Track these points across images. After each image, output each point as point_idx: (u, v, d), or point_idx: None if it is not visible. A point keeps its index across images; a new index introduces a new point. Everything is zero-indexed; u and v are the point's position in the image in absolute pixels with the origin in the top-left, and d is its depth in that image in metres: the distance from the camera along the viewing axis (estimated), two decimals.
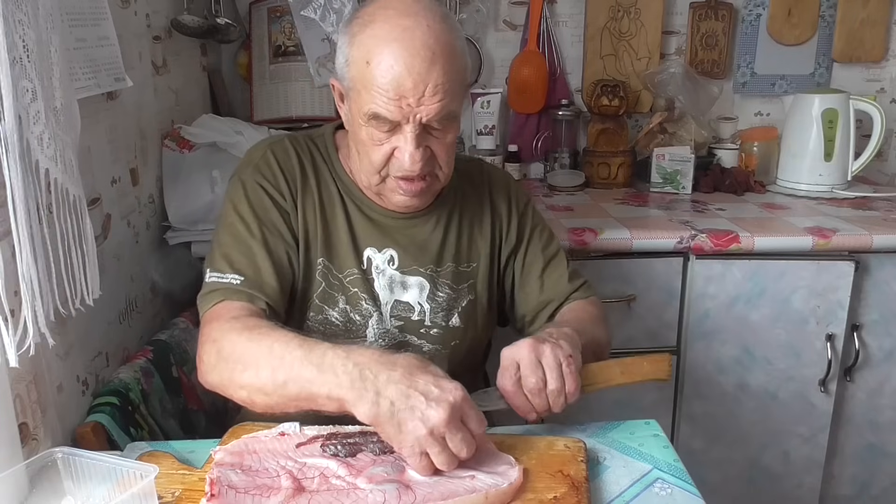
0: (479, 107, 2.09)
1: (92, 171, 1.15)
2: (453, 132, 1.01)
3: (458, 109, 0.99)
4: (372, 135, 0.99)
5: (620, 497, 0.84)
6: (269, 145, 1.12)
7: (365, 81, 0.95)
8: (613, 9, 2.10)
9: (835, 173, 1.92)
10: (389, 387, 0.79)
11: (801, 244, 1.59)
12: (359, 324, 1.09)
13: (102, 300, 0.97)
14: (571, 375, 0.90)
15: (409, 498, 0.78)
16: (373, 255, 1.10)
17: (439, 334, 1.12)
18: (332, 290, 1.08)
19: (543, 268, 1.19)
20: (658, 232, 1.61)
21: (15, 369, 0.81)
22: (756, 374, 1.69)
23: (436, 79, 0.93)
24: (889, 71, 2.19)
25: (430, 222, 1.13)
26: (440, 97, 0.94)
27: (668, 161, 1.96)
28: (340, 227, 1.10)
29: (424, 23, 0.94)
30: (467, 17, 2.08)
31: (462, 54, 0.98)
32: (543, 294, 1.18)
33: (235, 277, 0.99)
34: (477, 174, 1.21)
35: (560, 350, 0.90)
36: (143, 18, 1.43)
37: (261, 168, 1.08)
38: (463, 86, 1.00)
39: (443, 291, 1.13)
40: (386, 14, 0.95)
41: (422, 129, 0.97)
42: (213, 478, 0.80)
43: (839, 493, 1.82)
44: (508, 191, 1.21)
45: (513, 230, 1.19)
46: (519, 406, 0.91)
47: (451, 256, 1.14)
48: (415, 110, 0.94)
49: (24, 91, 0.76)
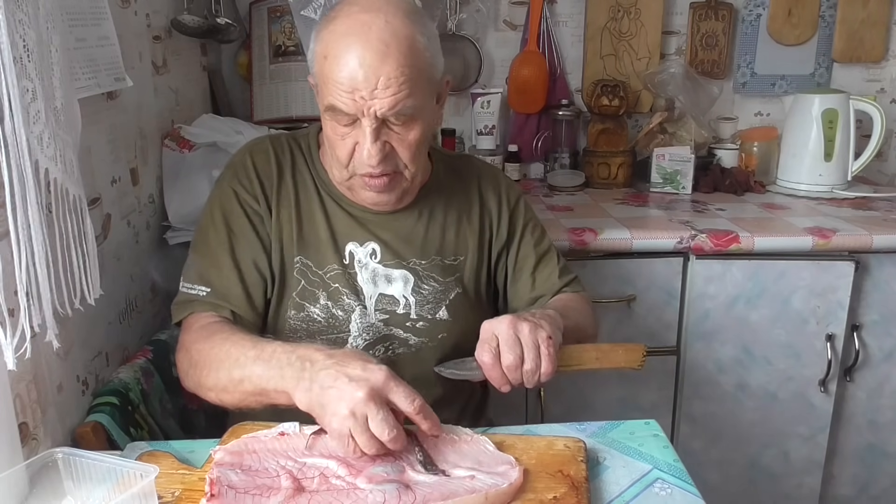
0: (479, 107, 2.09)
1: (92, 171, 1.15)
2: (416, 130, 1.00)
3: (420, 106, 0.98)
4: (334, 128, 1.01)
5: (620, 497, 0.84)
6: (249, 148, 1.15)
7: (324, 75, 0.98)
8: (613, 9, 2.10)
9: (835, 173, 1.92)
10: (321, 373, 0.84)
11: (801, 244, 1.59)
12: (341, 319, 1.10)
13: (102, 300, 0.97)
14: (549, 357, 0.92)
15: (409, 498, 0.78)
16: (354, 249, 1.11)
17: (426, 327, 1.13)
18: (312, 287, 1.09)
19: (535, 264, 1.20)
20: (658, 232, 1.61)
21: (16, 367, 0.81)
22: (756, 374, 1.69)
23: (388, 72, 0.94)
24: (889, 71, 2.19)
25: (412, 216, 1.14)
26: (393, 90, 0.94)
27: (668, 161, 1.96)
28: (319, 224, 1.11)
29: (384, 18, 0.95)
30: (467, 17, 2.09)
31: (424, 50, 0.98)
32: (535, 290, 1.19)
33: (202, 290, 1.06)
34: (466, 169, 1.22)
35: (540, 330, 0.92)
36: (143, 18, 1.43)
37: (237, 173, 1.12)
38: (427, 82, 0.99)
39: (428, 284, 1.13)
40: (349, 10, 0.97)
41: (379, 123, 0.97)
42: (213, 478, 0.80)
43: (839, 493, 1.82)
44: (498, 186, 1.21)
45: (503, 226, 1.20)
46: (494, 378, 0.93)
47: (436, 250, 1.15)
48: (368, 103, 0.95)
49: (25, 91, 0.76)
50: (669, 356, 1.70)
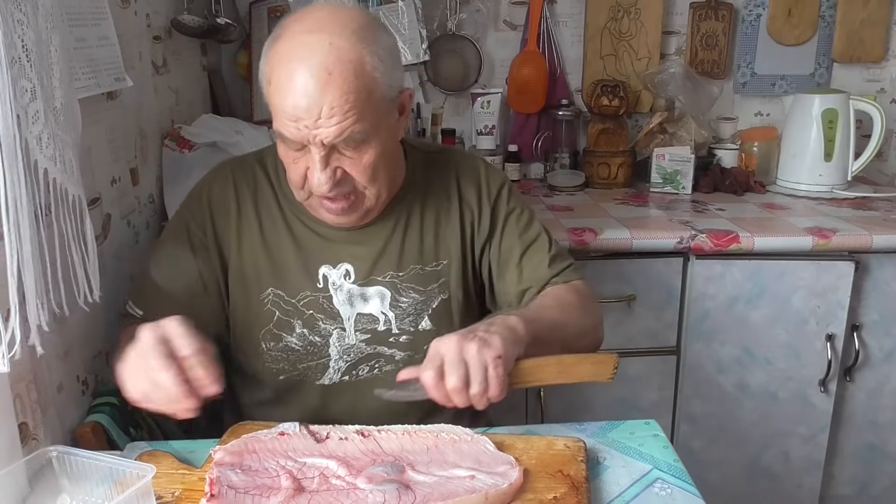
0: (479, 107, 2.09)
1: (92, 171, 1.15)
2: (370, 153, 0.95)
3: (370, 129, 0.93)
4: (286, 152, 0.97)
5: (620, 497, 0.84)
6: (209, 179, 1.13)
7: (269, 100, 0.94)
8: (613, 9, 2.10)
9: (835, 173, 1.92)
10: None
11: (801, 244, 1.59)
12: (319, 345, 1.08)
13: (102, 300, 0.96)
14: (497, 379, 0.85)
15: (409, 498, 0.78)
16: (328, 272, 1.08)
17: (410, 340, 1.10)
18: (286, 317, 1.08)
19: (522, 254, 1.13)
20: (658, 232, 1.61)
21: (16, 367, 0.81)
22: (756, 374, 1.69)
23: (331, 101, 0.89)
24: (889, 71, 2.19)
25: (386, 227, 1.09)
26: (338, 119, 0.90)
27: (668, 161, 1.96)
28: (287, 250, 1.08)
29: (328, 40, 0.89)
30: (467, 17, 2.09)
31: (373, 71, 0.92)
32: (522, 282, 1.12)
33: (138, 312, 1.07)
34: (443, 164, 1.15)
35: (488, 350, 0.85)
36: (143, 18, 1.43)
37: (193, 206, 1.11)
38: (378, 103, 0.94)
39: (406, 297, 1.09)
40: (294, 29, 0.92)
41: (328, 150, 0.93)
42: (213, 477, 0.80)
43: (839, 493, 1.82)
44: (478, 178, 1.15)
45: (485, 219, 1.13)
46: (439, 399, 0.87)
47: (415, 258, 1.10)
48: (312, 132, 0.91)
49: (23, 91, 0.76)
50: (669, 356, 1.69)
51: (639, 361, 1.69)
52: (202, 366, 0.80)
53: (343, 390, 1.10)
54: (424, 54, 2.04)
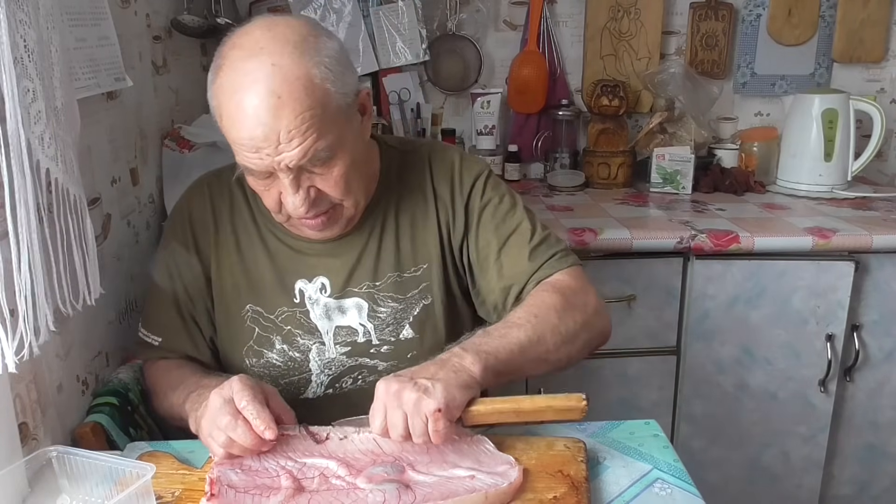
0: (479, 107, 2.09)
1: (92, 171, 1.15)
2: (340, 165, 0.93)
3: (334, 143, 0.91)
4: (255, 182, 0.96)
5: (620, 497, 0.84)
6: (188, 195, 1.14)
7: (226, 134, 0.91)
8: (613, 9, 2.10)
9: (835, 173, 1.92)
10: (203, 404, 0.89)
11: (801, 244, 1.59)
12: (299, 360, 1.08)
13: (102, 300, 0.97)
14: (437, 434, 0.82)
15: (409, 498, 0.78)
16: (304, 286, 1.07)
17: (392, 350, 1.07)
18: (266, 333, 1.08)
19: (500, 248, 1.07)
20: (658, 232, 1.61)
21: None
22: (756, 374, 1.69)
23: (287, 124, 0.86)
24: (889, 71, 2.19)
25: (361, 236, 1.07)
26: (298, 141, 0.87)
27: (668, 161, 1.96)
28: (264, 266, 1.08)
29: (269, 61, 0.86)
30: (467, 17, 2.09)
31: (323, 83, 0.88)
32: (503, 279, 1.06)
33: (155, 339, 1.11)
34: (417, 161, 1.11)
35: (426, 403, 0.81)
36: (143, 18, 1.43)
37: (175, 225, 1.13)
38: (336, 114, 0.90)
39: (385, 306, 1.07)
40: (232, 58, 0.88)
41: (297, 172, 0.91)
42: (213, 477, 0.80)
43: (839, 494, 1.82)
44: (451, 171, 1.10)
45: (459, 215, 1.08)
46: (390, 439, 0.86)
47: (391, 266, 1.07)
48: (275, 159, 0.88)
49: (25, 91, 0.76)
50: (669, 356, 1.70)
51: (639, 361, 1.69)
52: (252, 416, 0.84)
53: (328, 404, 1.08)
54: (424, 54, 2.04)
